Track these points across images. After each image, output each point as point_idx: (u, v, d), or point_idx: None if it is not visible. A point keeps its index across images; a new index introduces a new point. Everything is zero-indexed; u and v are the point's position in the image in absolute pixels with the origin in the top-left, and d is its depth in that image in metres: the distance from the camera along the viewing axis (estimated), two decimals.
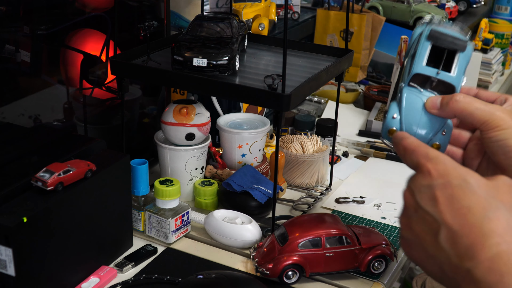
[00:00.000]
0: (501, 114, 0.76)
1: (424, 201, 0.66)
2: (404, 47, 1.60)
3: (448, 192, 0.64)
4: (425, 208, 0.65)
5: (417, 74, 0.84)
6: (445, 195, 0.64)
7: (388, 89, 1.77)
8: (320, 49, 1.22)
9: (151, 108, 1.41)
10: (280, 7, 1.68)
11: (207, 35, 1.09)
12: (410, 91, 0.84)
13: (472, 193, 0.63)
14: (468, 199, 0.63)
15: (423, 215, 0.66)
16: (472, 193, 0.63)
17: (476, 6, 2.34)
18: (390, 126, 0.83)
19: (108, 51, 1.20)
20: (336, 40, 1.82)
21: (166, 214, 1.05)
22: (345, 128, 1.61)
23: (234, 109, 1.39)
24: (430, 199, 0.65)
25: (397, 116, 0.83)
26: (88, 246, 0.94)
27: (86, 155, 0.96)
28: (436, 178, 0.66)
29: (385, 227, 1.15)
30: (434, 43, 0.85)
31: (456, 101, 0.79)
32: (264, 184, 1.16)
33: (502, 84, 2.11)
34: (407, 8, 2.00)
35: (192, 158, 1.17)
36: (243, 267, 1.02)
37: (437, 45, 0.85)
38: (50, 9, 1.14)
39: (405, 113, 0.83)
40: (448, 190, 0.64)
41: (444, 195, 0.64)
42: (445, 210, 0.63)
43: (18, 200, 0.84)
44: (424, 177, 0.67)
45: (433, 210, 0.64)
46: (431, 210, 0.65)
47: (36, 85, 1.14)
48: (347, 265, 0.97)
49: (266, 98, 0.98)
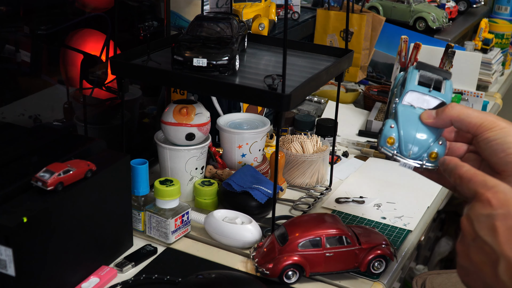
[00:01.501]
0: (493, 118, 0.79)
1: (483, 231, 0.65)
2: (404, 47, 1.60)
3: (509, 223, 0.64)
4: (484, 238, 0.65)
5: (411, 92, 0.87)
6: (505, 226, 0.64)
7: (388, 89, 1.77)
8: (320, 49, 1.22)
9: (151, 108, 1.41)
10: (280, 7, 1.68)
11: (207, 35, 1.09)
12: (405, 107, 0.87)
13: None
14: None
15: (482, 245, 0.65)
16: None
17: (476, 6, 2.34)
18: (388, 135, 0.86)
19: (108, 51, 1.20)
20: (336, 40, 1.82)
21: (166, 214, 1.05)
22: (345, 128, 1.61)
23: (234, 109, 1.39)
24: (489, 229, 0.65)
25: (394, 126, 0.86)
26: (88, 246, 0.94)
27: (86, 155, 0.96)
28: (496, 208, 0.65)
29: (385, 227, 1.15)
30: (421, 70, 0.90)
31: (452, 107, 0.82)
32: (264, 184, 1.16)
33: (502, 84, 2.11)
34: (407, 8, 2.00)
35: (192, 158, 1.17)
36: (243, 267, 1.02)
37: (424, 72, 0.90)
38: (50, 9, 1.14)
39: (402, 125, 0.86)
40: (509, 221, 0.64)
41: (505, 226, 0.64)
42: (505, 241, 0.63)
43: (18, 200, 0.84)
44: (483, 206, 0.67)
45: (492, 241, 0.64)
46: (490, 240, 0.64)
47: (36, 85, 1.14)
48: (347, 265, 0.97)
49: (266, 98, 0.98)
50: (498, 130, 0.78)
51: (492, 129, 0.79)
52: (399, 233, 1.13)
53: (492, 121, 0.79)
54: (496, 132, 0.78)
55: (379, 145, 0.87)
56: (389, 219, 1.19)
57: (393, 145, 0.86)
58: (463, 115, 0.81)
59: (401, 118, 0.86)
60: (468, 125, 0.81)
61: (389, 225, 1.16)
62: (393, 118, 0.88)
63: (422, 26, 1.97)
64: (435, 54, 1.66)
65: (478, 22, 2.13)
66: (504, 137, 0.77)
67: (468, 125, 0.81)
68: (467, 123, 0.81)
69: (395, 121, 0.87)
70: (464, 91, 1.71)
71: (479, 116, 0.80)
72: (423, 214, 1.21)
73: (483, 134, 0.79)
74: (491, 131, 0.79)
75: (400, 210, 1.21)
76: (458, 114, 0.81)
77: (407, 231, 1.14)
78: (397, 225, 1.16)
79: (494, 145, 0.78)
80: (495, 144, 0.78)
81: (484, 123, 0.79)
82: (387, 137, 0.86)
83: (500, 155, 0.77)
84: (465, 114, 0.81)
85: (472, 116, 0.80)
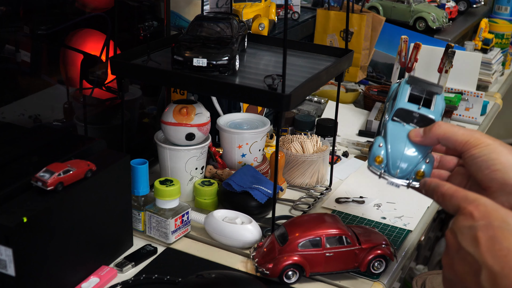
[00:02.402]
0: (479, 135, 0.82)
1: (466, 242, 0.67)
2: (404, 47, 1.60)
3: (490, 233, 0.66)
4: (466, 249, 0.67)
5: (400, 109, 0.90)
6: (486, 237, 0.65)
7: (388, 89, 1.77)
8: (320, 49, 1.22)
9: (151, 108, 1.41)
10: (280, 7, 1.68)
11: (207, 35, 1.09)
12: (394, 124, 0.89)
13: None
14: (509, 241, 0.64)
15: (465, 255, 0.67)
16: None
17: (476, 6, 2.34)
18: (376, 154, 0.89)
19: (108, 51, 1.20)
20: (336, 40, 1.82)
21: (166, 214, 1.05)
22: (345, 128, 1.61)
23: (234, 109, 1.39)
24: (471, 240, 0.67)
25: (383, 145, 0.88)
26: (88, 246, 0.94)
27: (86, 155, 0.96)
28: (478, 219, 0.68)
29: (385, 227, 1.15)
30: (413, 85, 0.92)
31: (439, 126, 0.85)
32: (264, 184, 1.16)
33: (502, 84, 2.11)
34: (407, 8, 2.00)
35: (192, 158, 1.17)
36: (243, 267, 1.02)
37: (415, 87, 0.92)
38: (50, 9, 1.14)
39: (390, 143, 0.88)
40: (490, 232, 0.66)
41: (486, 236, 0.66)
42: (486, 251, 0.64)
43: (18, 200, 0.84)
44: (466, 218, 0.69)
45: (475, 251, 0.66)
46: (472, 251, 0.66)
47: (36, 85, 1.14)
48: (347, 265, 0.97)
49: (266, 98, 0.98)
50: (484, 147, 0.80)
51: (477, 146, 0.81)
52: (399, 233, 1.13)
53: (477, 138, 0.81)
54: (481, 149, 0.81)
55: (368, 163, 0.90)
56: (389, 219, 1.19)
57: (381, 163, 0.88)
58: (449, 133, 0.84)
59: (390, 136, 0.89)
60: (454, 143, 0.83)
61: (389, 225, 1.16)
62: (383, 135, 0.90)
63: (422, 26, 1.97)
64: (435, 54, 1.66)
65: (478, 22, 2.13)
66: (489, 153, 0.80)
67: (454, 143, 0.83)
68: (453, 141, 0.83)
69: (384, 139, 0.89)
70: (464, 91, 1.71)
71: (465, 133, 0.83)
72: (423, 214, 1.21)
73: (469, 151, 0.82)
74: (477, 148, 0.81)
75: (400, 210, 1.21)
76: (445, 133, 0.84)
77: (407, 231, 1.14)
78: (397, 225, 1.16)
79: (479, 161, 0.80)
80: (480, 161, 0.80)
81: (469, 140, 0.82)
82: (375, 155, 0.89)
83: (485, 172, 0.80)
84: (451, 132, 0.84)
85: (458, 134, 0.83)
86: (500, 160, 0.79)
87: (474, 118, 1.73)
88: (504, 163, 0.79)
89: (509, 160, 0.79)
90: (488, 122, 1.80)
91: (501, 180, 0.79)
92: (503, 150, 0.80)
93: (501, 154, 0.79)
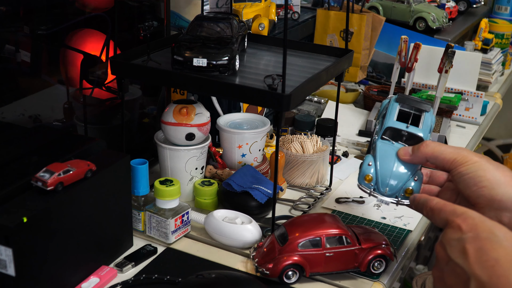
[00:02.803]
0: (466, 153, 0.84)
1: (455, 254, 0.69)
2: (404, 47, 1.60)
3: (477, 245, 0.67)
4: (455, 260, 0.69)
5: (389, 128, 0.93)
6: (474, 248, 0.67)
7: (388, 89, 1.77)
8: (320, 49, 1.22)
9: (151, 108, 1.41)
10: (280, 7, 1.68)
11: (207, 35, 1.09)
12: (383, 143, 0.92)
13: (499, 245, 0.66)
14: (496, 251, 0.66)
15: (454, 267, 0.69)
16: (499, 245, 0.66)
17: (476, 6, 2.34)
18: (366, 172, 0.92)
19: (108, 51, 1.20)
20: (336, 40, 1.82)
21: (166, 214, 1.05)
22: (345, 128, 1.61)
23: (234, 109, 1.39)
24: (460, 251, 0.69)
25: (372, 163, 0.90)
26: (88, 246, 0.94)
27: (86, 155, 0.96)
28: (466, 232, 0.70)
29: (385, 227, 1.15)
30: (401, 103, 0.95)
31: (427, 145, 0.87)
32: (264, 184, 1.16)
33: (502, 84, 2.11)
34: (407, 8, 2.00)
35: (192, 158, 1.17)
36: (243, 267, 1.02)
37: (404, 105, 0.95)
38: (50, 9, 1.14)
39: (379, 161, 0.91)
40: (477, 243, 0.68)
41: (473, 248, 0.67)
42: (474, 262, 0.66)
43: (18, 200, 0.84)
44: (454, 231, 0.71)
45: (463, 263, 0.68)
46: (461, 262, 0.68)
47: (36, 85, 1.14)
48: (347, 265, 0.97)
49: (266, 98, 0.98)
50: (471, 164, 0.83)
51: (464, 163, 0.83)
52: (399, 233, 1.13)
53: (464, 156, 0.84)
54: (468, 166, 0.83)
55: (358, 181, 0.93)
56: (389, 219, 1.19)
57: (371, 182, 0.91)
58: (437, 152, 0.86)
59: (379, 154, 0.91)
60: (442, 161, 0.86)
61: (389, 225, 1.16)
62: (372, 153, 0.93)
63: (422, 26, 1.97)
64: (435, 54, 1.66)
65: (478, 22, 2.13)
66: (476, 171, 0.82)
67: (442, 161, 0.86)
68: (441, 159, 0.86)
69: (373, 157, 0.92)
70: (464, 91, 1.71)
71: (452, 152, 0.85)
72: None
73: (456, 168, 0.84)
74: (464, 166, 0.83)
75: (400, 210, 1.21)
76: (433, 152, 0.86)
77: (407, 231, 1.14)
78: (397, 225, 1.16)
79: (467, 179, 0.83)
80: (467, 178, 0.83)
81: (457, 158, 0.84)
82: (365, 174, 0.91)
83: (473, 189, 0.82)
84: (439, 151, 0.86)
85: (446, 153, 0.85)
86: (487, 177, 0.81)
87: (474, 118, 1.73)
88: (490, 180, 0.81)
89: (495, 177, 0.81)
90: (488, 122, 1.80)
91: (488, 196, 0.81)
92: (489, 167, 0.82)
93: (488, 171, 0.82)
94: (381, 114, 0.98)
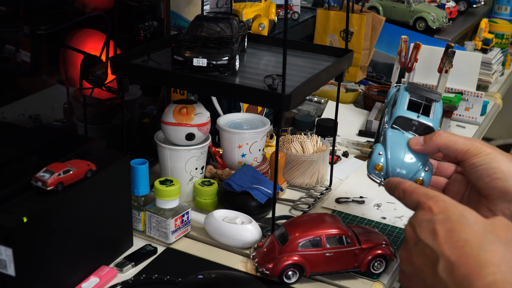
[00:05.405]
0: (479, 144, 0.84)
1: (424, 234, 0.69)
2: (404, 47, 1.60)
3: (448, 226, 0.68)
4: (425, 241, 0.69)
5: (400, 117, 0.91)
6: (444, 229, 0.68)
7: (388, 89, 1.77)
8: (320, 49, 1.22)
9: (151, 108, 1.41)
10: (280, 7, 1.68)
11: (207, 35, 1.09)
12: (393, 132, 0.91)
13: (469, 227, 0.67)
14: (466, 232, 0.66)
15: (423, 247, 0.69)
16: (469, 227, 0.67)
17: (476, 6, 2.34)
18: (376, 162, 0.90)
19: (108, 51, 1.20)
20: (336, 40, 1.82)
21: (166, 214, 1.05)
22: (345, 128, 1.61)
23: (234, 109, 1.39)
24: (430, 232, 0.69)
25: (382, 153, 0.89)
26: (88, 246, 0.94)
27: (86, 155, 0.96)
28: (437, 213, 0.70)
29: (385, 227, 1.15)
30: (412, 92, 0.94)
31: (440, 135, 0.87)
32: (264, 184, 1.16)
33: (502, 84, 2.11)
34: (407, 8, 2.00)
35: (192, 158, 1.17)
36: (243, 267, 1.02)
37: (415, 95, 0.93)
38: (50, 9, 1.14)
39: (390, 150, 0.90)
40: (448, 224, 0.68)
41: (444, 228, 0.68)
42: (444, 242, 0.67)
43: (18, 200, 0.84)
44: (425, 213, 0.72)
45: (433, 243, 0.68)
46: (430, 242, 0.68)
47: (36, 85, 1.14)
48: (347, 265, 0.97)
49: (266, 98, 0.98)
50: (484, 156, 0.82)
51: (478, 155, 0.83)
52: (399, 233, 1.13)
53: (478, 147, 0.83)
54: (482, 158, 0.82)
55: (367, 171, 0.91)
56: (389, 219, 1.19)
57: (381, 171, 0.89)
58: (450, 142, 0.85)
59: (389, 143, 0.90)
60: (455, 151, 0.85)
61: (389, 225, 1.16)
62: (382, 142, 0.91)
63: (422, 26, 1.98)
64: (435, 54, 1.66)
65: (478, 22, 2.13)
66: (489, 162, 0.82)
67: (455, 151, 0.85)
68: (454, 149, 0.85)
69: (383, 146, 0.90)
70: (464, 91, 1.71)
71: (465, 142, 0.84)
72: None
73: (469, 159, 0.83)
74: (477, 157, 0.83)
75: (400, 210, 1.21)
76: (446, 142, 0.86)
77: None
78: (397, 225, 1.16)
79: (480, 170, 0.82)
80: (481, 169, 0.82)
81: (470, 149, 0.83)
82: (375, 163, 0.90)
83: (486, 180, 0.82)
84: (452, 142, 0.85)
85: (459, 143, 0.85)
86: (501, 168, 0.81)
87: (474, 118, 1.73)
88: (504, 172, 0.81)
89: (509, 169, 0.81)
90: (488, 122, 1.80)
91: (502, 188, 0.81)
92: (503, 159, 0.82)
93: (502, 163, 0.81)
94: (389, 102, 0.96)
